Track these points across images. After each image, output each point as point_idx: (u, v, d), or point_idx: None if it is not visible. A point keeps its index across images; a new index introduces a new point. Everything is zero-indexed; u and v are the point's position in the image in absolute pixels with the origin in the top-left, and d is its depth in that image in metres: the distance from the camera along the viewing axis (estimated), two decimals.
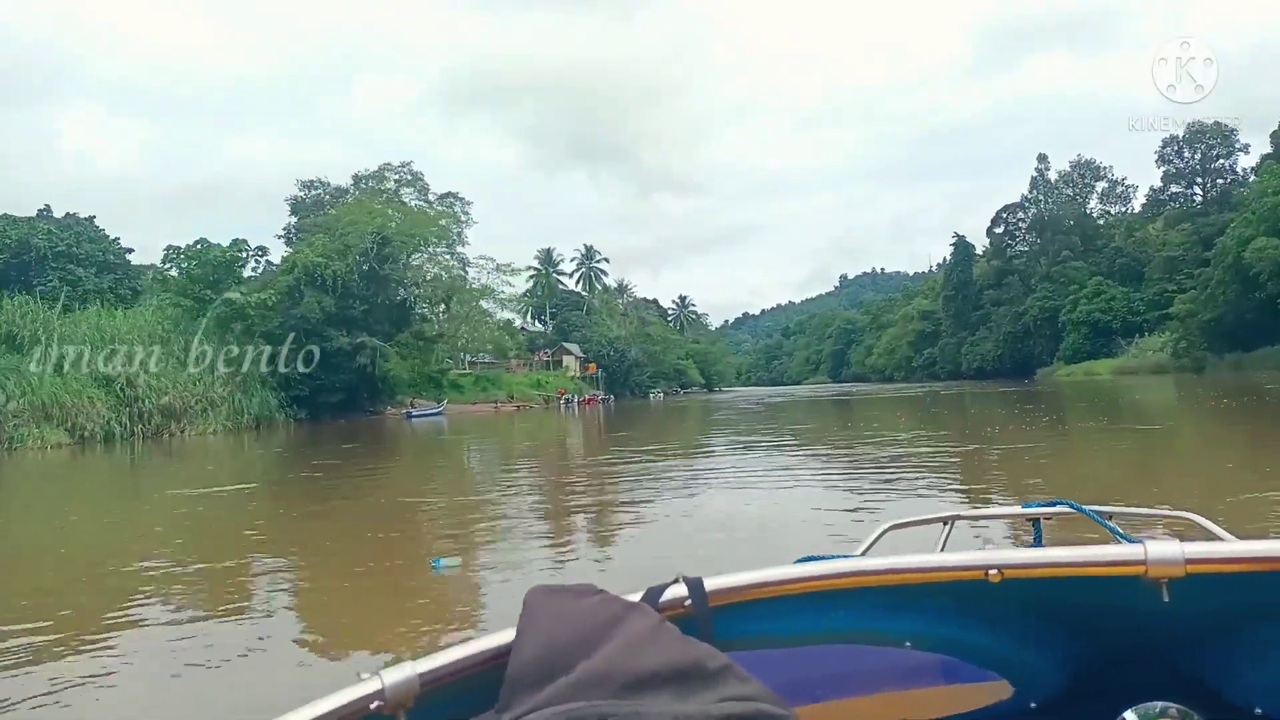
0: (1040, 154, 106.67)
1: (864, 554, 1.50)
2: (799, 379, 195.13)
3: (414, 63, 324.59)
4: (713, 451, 18.56)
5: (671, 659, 0.82)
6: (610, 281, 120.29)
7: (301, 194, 51.31)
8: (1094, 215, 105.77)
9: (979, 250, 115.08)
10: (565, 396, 67.26)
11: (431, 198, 54.63)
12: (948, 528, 1.82)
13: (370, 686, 0.89)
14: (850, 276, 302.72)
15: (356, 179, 54.09)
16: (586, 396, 73.31)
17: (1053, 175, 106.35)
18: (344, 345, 42.59)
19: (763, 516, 9.02)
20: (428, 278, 48.41)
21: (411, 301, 46.24)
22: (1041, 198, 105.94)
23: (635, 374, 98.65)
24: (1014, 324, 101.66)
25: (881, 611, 1.06)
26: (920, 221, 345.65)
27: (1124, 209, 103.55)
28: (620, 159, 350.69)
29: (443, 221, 51.90)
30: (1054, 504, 1.74)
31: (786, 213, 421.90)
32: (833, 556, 1.19)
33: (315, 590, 6.68)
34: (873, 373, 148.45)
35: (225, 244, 42.81)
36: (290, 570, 7.45)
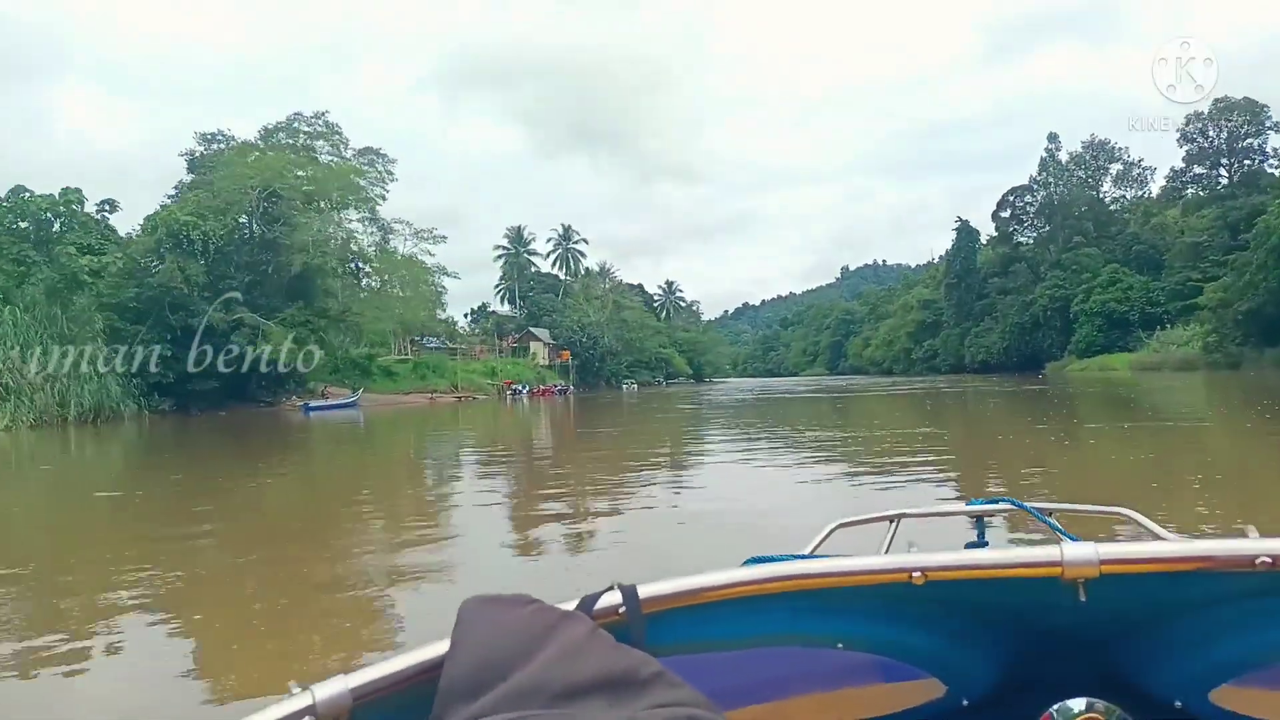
0: (1050, 133, 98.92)
1: (812, 552, 1.57)
2: (796, 371, 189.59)
3: (412, 45, 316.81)
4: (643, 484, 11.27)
5: (604, 667, 0.82)
6: (592, 264, 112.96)
7: (200, 148, 43.95)
8: (1107, 200, 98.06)
9: (984, 238, 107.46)
10: (514, 387, 59.93)
11: (350, 153, 47.32)
12: (894, 525, 1.84)
13: (301, 701, 0.88)
14: (852, 268, 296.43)
15: (265, 131, 46.75)
16: (540, 387, 65.91)
17: (1063, 156, 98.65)
18: (218, 322, 35.37)
19: None
20: (333, 243, 40.66)
21: (314, 272, 38.81)
22: (1051, 180, 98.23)
23: (610, 363, 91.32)
24: (1021, 314, 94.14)
25: (813, 614, 1.08)
26: (923, 216, 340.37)
27: (1140, 193, 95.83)
28: (621, 146, 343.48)
29: (357, 178, 44.42)
30: (997, 501, 1.77)
31: (788, 204, 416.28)
32: (781, 556, 1.22)
33: None
34: (870, 365, 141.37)
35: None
36: None
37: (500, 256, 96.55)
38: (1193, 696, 1.07)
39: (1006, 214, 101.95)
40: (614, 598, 1.01)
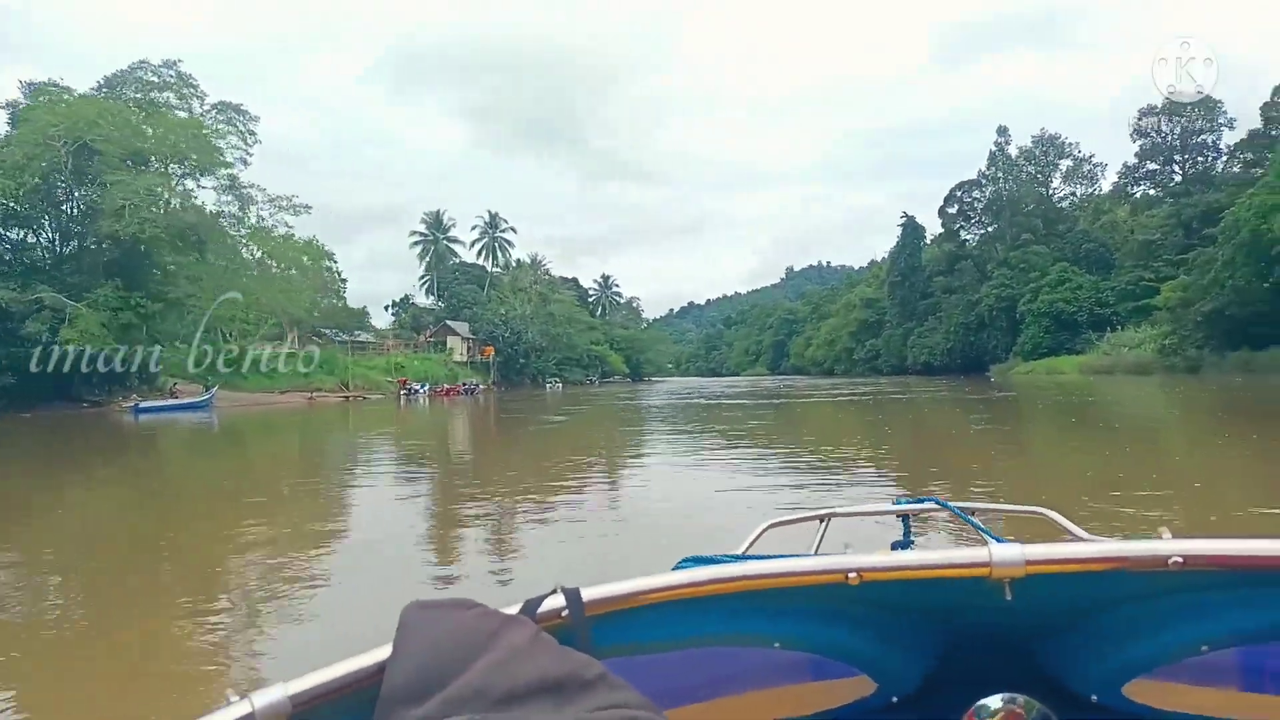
0: (1000, 126, 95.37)
1: (744, 552, 1.63)
2: (737, 370, 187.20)
3: (362, 35, 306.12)
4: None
5: (547, 670, 0.83)
6: (523, 256, 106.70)
7: (28, 100, 36.88)
8: (1057, 196, 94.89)
9: (930, 237, 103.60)
10: (410, 386, 53.64)
11: (205, 108, 40.49)
12: (824, 525, 1.94)
13: (239, 710, 0.87)
14: (797, 269, 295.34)
15: (106, 81, 39.73)
16: (445, 386, 59.64)
17: (1013, 151, 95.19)
18: (8, 303, 28.67)
19: None
20: (165, 210, 33.91)
21: (148, 246, 32.15)
22: (1001, 175, 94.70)
23: (536, 360, 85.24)
24: (967, 314, 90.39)
25: (752, 615, 1.11)
26: (872, 220, 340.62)
27: (1090, 190, 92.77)
28: (572, 144, 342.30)
29: (209, 135, 37.68)
30: (922, 500, 1.83)
31: (740, 206, 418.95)
32: (713, 557, 1.27)
33: None
34: (812, 365, 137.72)
35: None
36: None
37: (418, 243, 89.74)
38: (1108, 691, 1.10)
39: (953, 210, 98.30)
40: (557, 601, 1.02)
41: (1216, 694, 1.08)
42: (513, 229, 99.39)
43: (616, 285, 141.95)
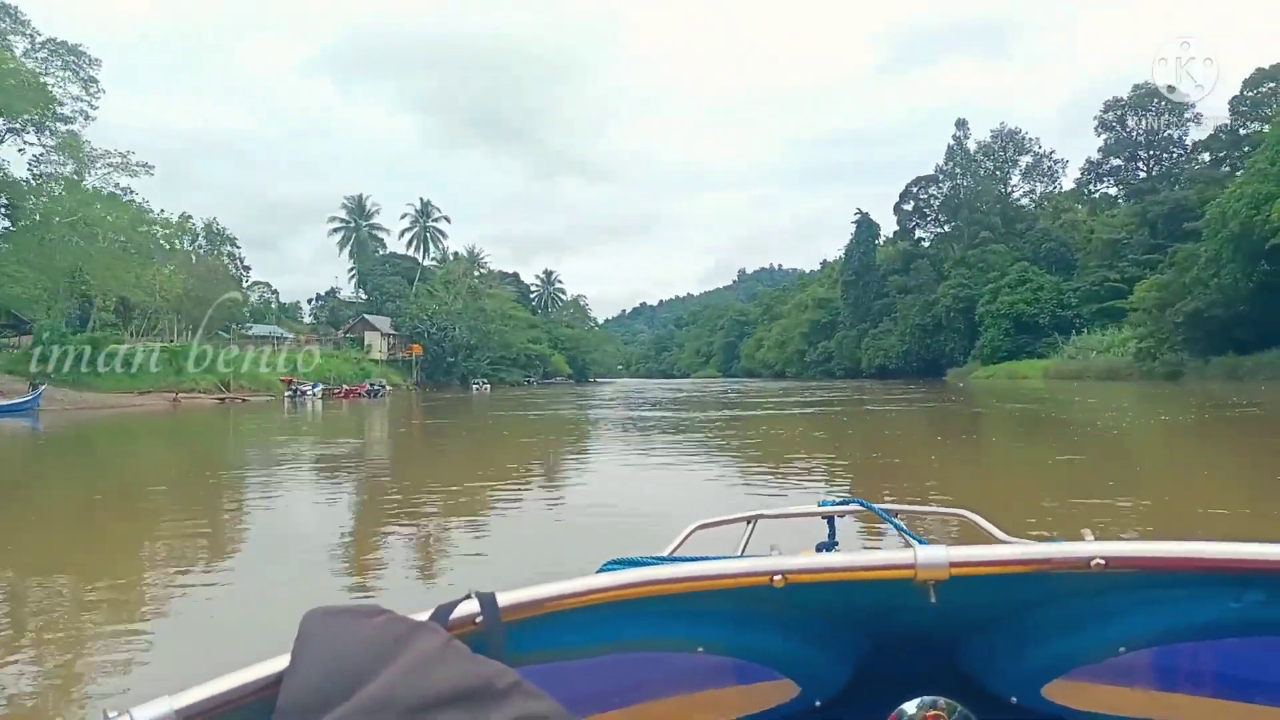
0: (959, 119, 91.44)
1: (671, 553, 1.64)
2: (688, 372, 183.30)
3: (303, 23, 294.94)
4: None
5: (458, 679, 0.79)
6: (460, 249, 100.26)
7: None
8: (1017, 194, 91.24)
9: (884, 238, 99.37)
10: (296, 387, 47.19)
11: (32, 46, 33.79)
12: (750, 526, 1.93)
13: None
14: (749, 271, 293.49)
15: None
16: (345, 387, 53.24)
17: (971, 145, 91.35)
18: None
19: None
20: None
21: None
22: (958, 170, 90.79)
23: (466, 359, 79.02)
24: (923, 315, 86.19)
25: (675, 619, 1.09)
26: (824, 222, 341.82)
27: (1051, 187, 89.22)
28: (523, 139, 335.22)
29: (36, 79, 31.09)
30: (847, 502, 1.86)
31: (693, 207, 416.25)
32: (638, 559, 1.26)
33: None
34: (763, 368, 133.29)
35: None
36: None
37: (338, 230, 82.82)
38: (1027, 692, 1.11)
39: (909, 206, 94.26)
40: (471, 607, 0.98)
41: (1133, 694, 1.10)
42: (446, 218, 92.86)
43: (560, 281, 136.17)
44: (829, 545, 1.85)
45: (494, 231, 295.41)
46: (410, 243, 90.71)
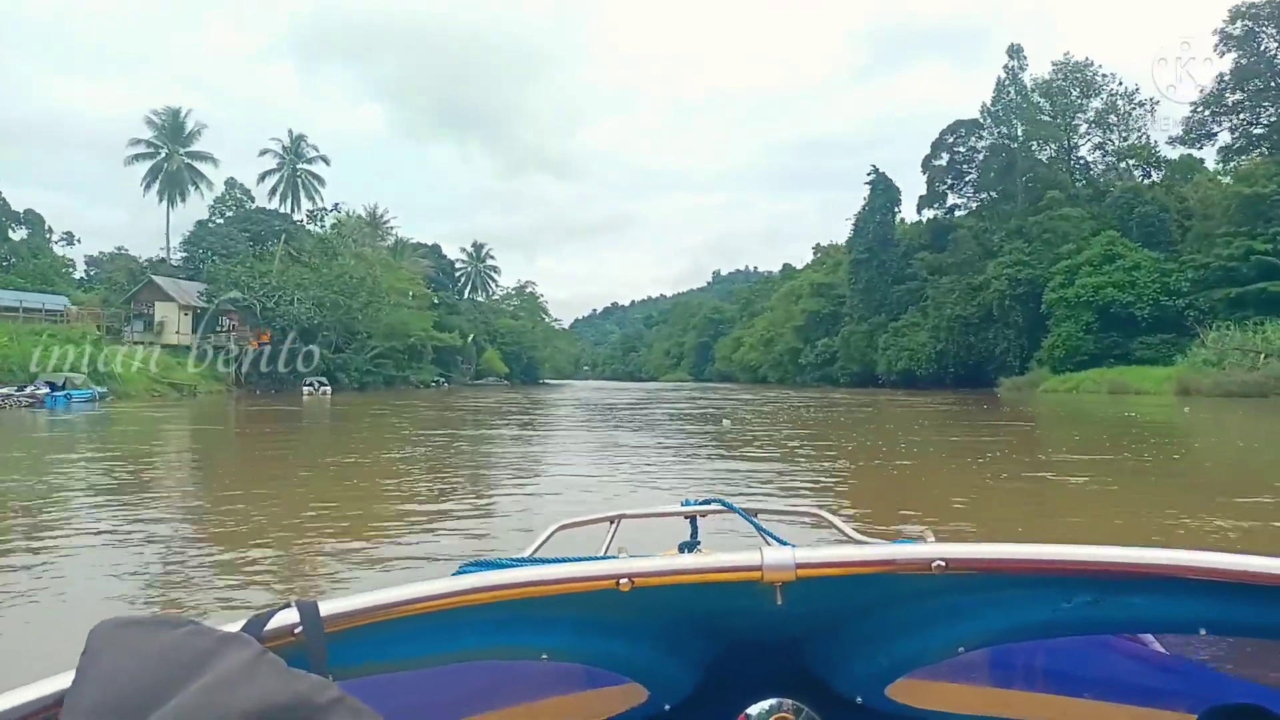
0: (1013, 45, 68.89)
1: (532, 554, 1.63)
2: (656, 375, 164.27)
3: (260, 7, 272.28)
4: None
5: (269, 696, 0.71)
6: (359, 209, 76.55)
7: None
8: (1084, 147, 69.06)
9: (903, 219, 76.33)
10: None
11: None
12: (614, 526, 1.93)
13: None
14: (724, 273, 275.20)
15: None
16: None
17: (1028, 80, 69.02)
18: None
19: None
20: None
21: None
22: (1008, 114, 68.37)
23: (355, 351, 55.41)
24: (965, 304, 63.68)
25: (516, 626, 1.05)
26: (795, 227, 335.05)
27: (1136, 137, 66.80)
28: (492, 133, 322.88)
29: None
30: (709, 502, 1.85)
31: (664, 208, 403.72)
32: (496, 561, 1.23)
33: None
34: (742, 370, 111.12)
35: None
36: None
37: (138, 159, 58.72)
38: (872, 692, 1.13)
39: (943, 161, 71.54)
40: (290, 616, 0.90)
41: (972, 691, 1.14)
42: (323, 158, 69.23)
43: (491, 257, 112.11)
44: (691, 545, 1.79)
45: (462, 228, 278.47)
46: (280, 195, 66.86)
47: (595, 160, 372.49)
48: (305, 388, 45.23)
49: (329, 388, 46.04)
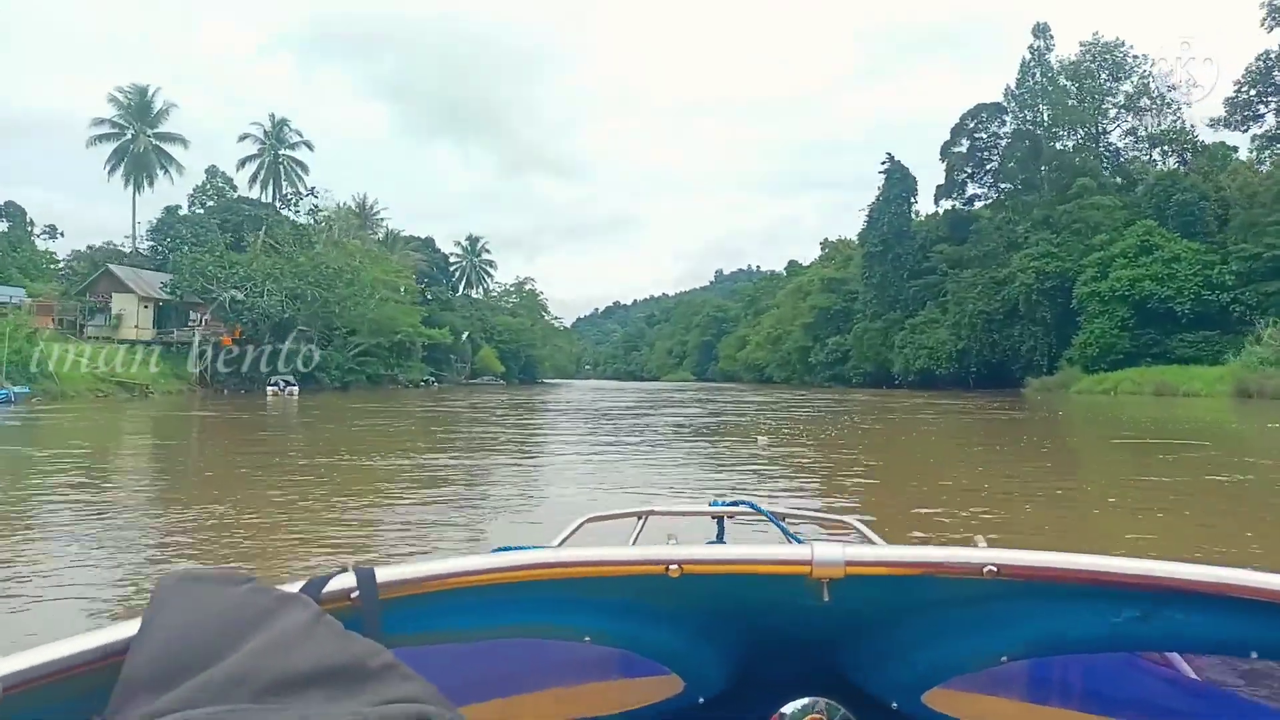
0: (1039, 24, 64.82)
1: (560, 545, 1.64)
2: (658, 375, 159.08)
3: (262, 4, 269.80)
4: None
5: (326, 656, 0.73)
6: (346, 199, 72.68)
7: None
8: (1114, 133, 65.03)
9: (918, 212, 72.28)
10: None
11: None
12: (642, 522, 1.95)
13: None
14: (726, 273, 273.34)
15: None
16: None
17: (1054, 61, 64.97)
18: None
19: None
20: None
21: None
22: (1034, 98, 64.35)
23: (336, 347, 51.47)
24: (988, 299, 59.70)
25: (563, 605, 1.06)
26: (796, 229, 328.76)
27: (1171, 121, 62.69)
28: (494, 132, 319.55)
29: None
30: (738, 503, 1.85)
31: (666, 209, 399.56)
32: (527, 548, 1.21)
33: None
34: (746, 370, 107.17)
35: None
36: None
37: (102, 140, 54.73)
38: (909, 698, 1.11)
39: (962, 147, 67.51)
40: (347, 581, 0.92)
41: (1008, 705, 1.13)
42: (306, 144, 65.21)
43: (487, 251, 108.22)
44: (718, 545, 1.76)
45: (463, 228, 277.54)
46: (256, 180, 62.93)
47: (596, 160, 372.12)
48: (270, 388, 41.24)
49: (296, 388, 42.01)
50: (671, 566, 1.00)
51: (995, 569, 0.97)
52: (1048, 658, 1.08)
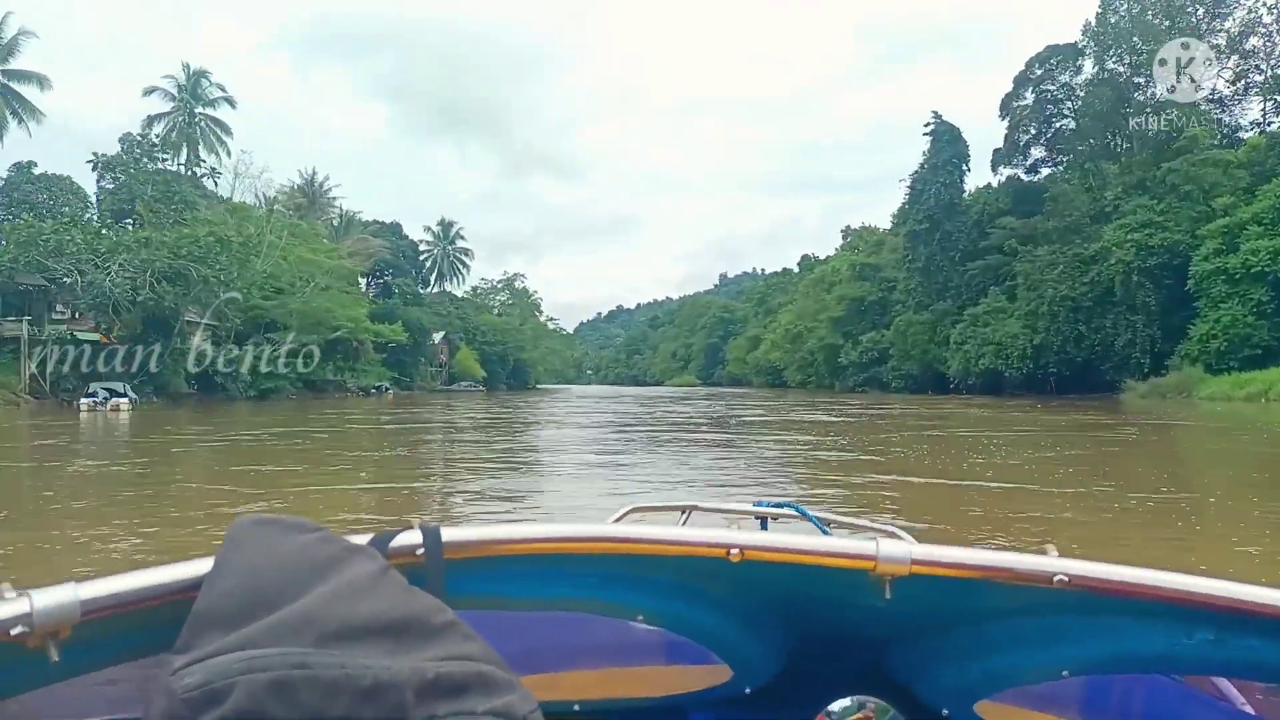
0: None
1: None
2: (662, 379, 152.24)
3: (260, 2, 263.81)
4: None
5: (390, 609, 0.74)
6: (287, 180, 61.08)
7: None
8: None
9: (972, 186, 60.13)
10: None
11: None
12: (685, 515, 1.94)
13: (14, 608, 0.72)
14: (731, 275, 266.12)
15: None
16: None
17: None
18: None
19: None
20: None
21: None
22: (1119, 37, 52.60)
23: (247, 342, 39.81)
24: (1071, 283, 47.77)
25: (621, 581, 1.05)
26: (796, 230, 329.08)
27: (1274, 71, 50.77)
28: (493, 131, 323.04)
29: None
30: (782, 505, 1.86)
31: (666, 209, 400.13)
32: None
33: None
34: (758, 373, 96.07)
35: None
36: None
37: None
38: (961, 706, 1.09)
39: (1027, 101, 55.69)
40: (413, 538, 0.92)
41: None
42: (229, 100, 53.63)
43: (462, 238, 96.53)
44: None
45: (464, 227, 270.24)
46: (165, 141, 51.19)
47: (597, 160, 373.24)
48: (85, 399, 29.66)
49: (128, 399, 30.44)
50: (733, 550, 0.98)
51: (1066, 579, 0.94)
52: (1106, 677, 1.05)
